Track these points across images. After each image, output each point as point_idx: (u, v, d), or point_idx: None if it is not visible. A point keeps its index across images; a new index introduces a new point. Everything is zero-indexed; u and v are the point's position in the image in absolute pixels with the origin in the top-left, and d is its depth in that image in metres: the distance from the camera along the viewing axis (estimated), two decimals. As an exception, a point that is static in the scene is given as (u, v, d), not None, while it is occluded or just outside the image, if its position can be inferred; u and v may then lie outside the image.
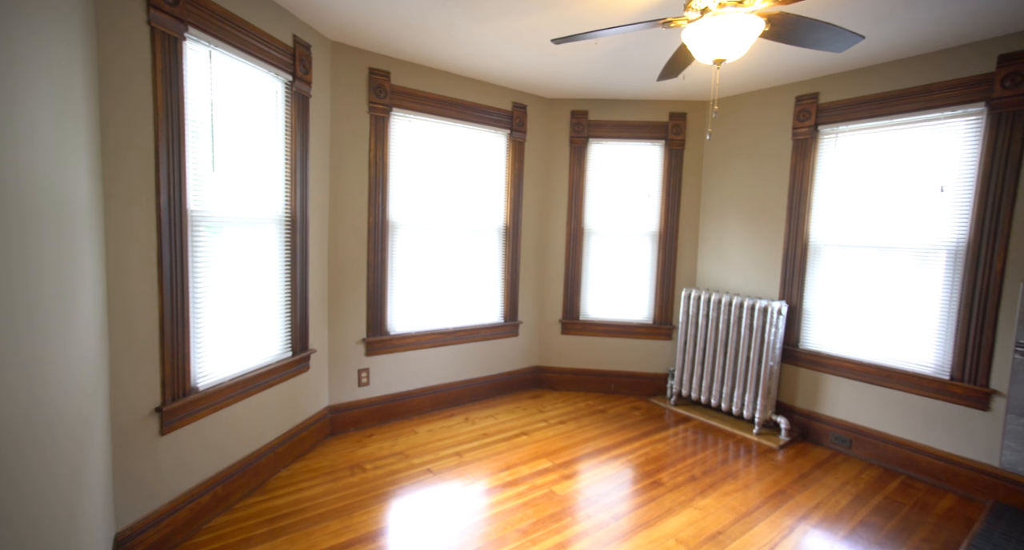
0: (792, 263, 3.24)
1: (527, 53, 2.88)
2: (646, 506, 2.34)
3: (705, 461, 2.83)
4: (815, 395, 3.15)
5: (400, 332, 3.29)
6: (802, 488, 2.56)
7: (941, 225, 2.64)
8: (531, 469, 2.67)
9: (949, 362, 2.61)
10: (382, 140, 3.06)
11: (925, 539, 2.16)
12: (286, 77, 2.46)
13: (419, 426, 3.20)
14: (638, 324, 3.88)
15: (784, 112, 3.28)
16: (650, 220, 3.84)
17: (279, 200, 2.52)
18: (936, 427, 2.66)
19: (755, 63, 2.92)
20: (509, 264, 3.78)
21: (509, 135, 3.69)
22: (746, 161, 3.51)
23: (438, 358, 3.50)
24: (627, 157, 3.83)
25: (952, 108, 2.58)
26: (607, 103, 3.79)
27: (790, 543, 2.09)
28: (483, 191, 3.62)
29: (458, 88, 3.37)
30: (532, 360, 4.05)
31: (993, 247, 2.45)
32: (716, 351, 3.44)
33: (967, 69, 2.52)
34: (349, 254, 3.02)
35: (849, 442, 2.99)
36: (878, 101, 2.83)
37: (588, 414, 3.49)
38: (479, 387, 3.73)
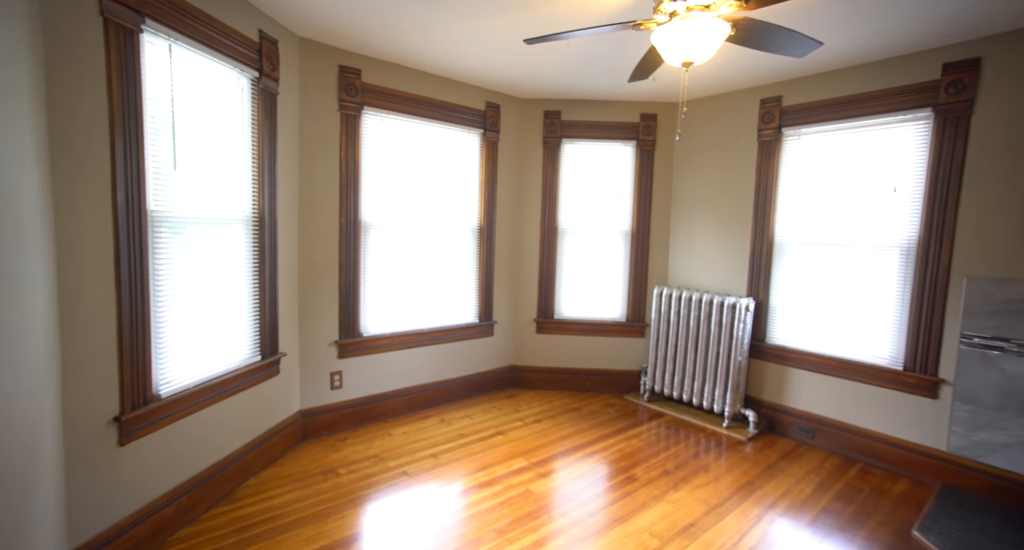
0: (758, 261, 3.34)
1: (500, 53, 2.89)
2: (621, 501, 2.38)
3: (677, 455, 2.89)
4: (781, 388, 3.27)
5: (374, 334, 3.24)
6: (769, 478, 2.65)
7: (895, 224, 2.78)
8: (507, 468, 2.67)
9: (902, 353, 2.75)
10: (353, 139, 3.01)
11: (881, 522, 2.26)
12: (252, 73, 2.39)
13: (394, 428, 3.17)
14: (612, 322, 3.94)
15: (750, 114, 3.38)
16: (622, 219, 3.90)
17: (246, 200, 2.45)
18: (891, 415, 2.79)
19: (722, 66, 3.00)
20: (483, 264, 3.78)
21: (483, 135, 3.68)
22: (714, 161, 3.61)
23: (413, 359, 3.46)
24: (599, 157, 3.88)
25: (903, 113, 2.71)
26: (580, 103, 3.83)
27: (758, 532, 2.16)
28: (457, 191, 3.60)
29: (431, 87, 3.34)
30: (507, 360, 4.06)
31: (940, 244, 2.59)
32: (687, 347, 3.52)
33: (916, 76, 2.65)
34: (320, 255, 2.96)
35: (813, 432, 3.11)
36: (836, 105, 2.95)
37: (563, 412, 3.52)
38: (455, 388, 3.71)
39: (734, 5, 1.78)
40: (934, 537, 2.11)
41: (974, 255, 2.50)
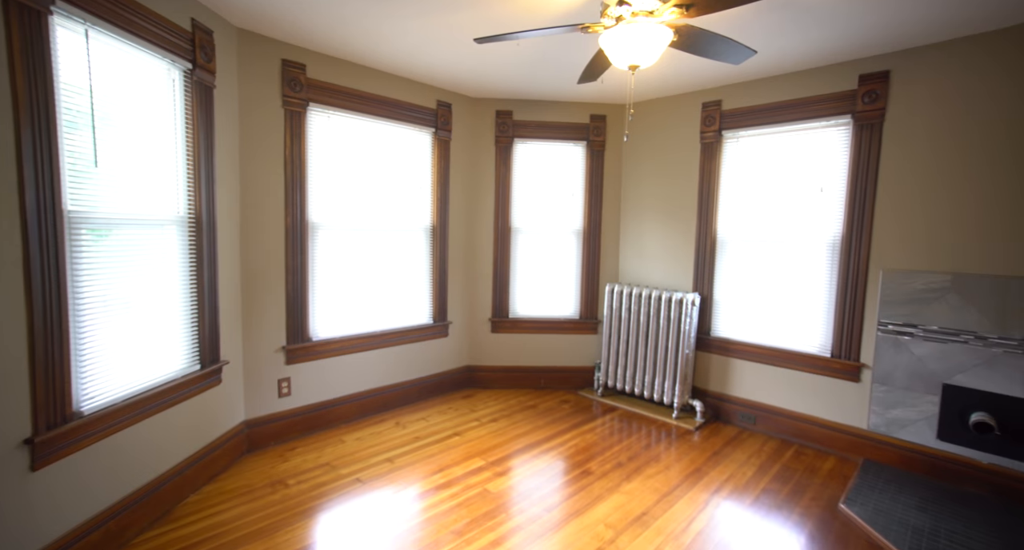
0: (703, 257, 3.51)
1: (451, 51, 2.86)
2: (577, 495, 2.43)
3: (630, 447, 2.99)
4: (725, 378, 3.45)
5: (324, 338, 3.13)
6: (715, 464, 2.79)
7: (823, 221, 2.99)
8: (464, 469, 2.66)
9: (830, 342, 2.97)
10: (299, 136, 2.89)
11: (813, 498, 2.44)
12: (184, 65, 2.24)
13: (347, 434, 3.07)
14: (566, 320, 4.01)
15: (693, 117, 3.54)
16: (575, 218, 3.98)
17: (180, 199, 2.29)
18: (821, 399, 3.01)
19: (667, 71, 3.12)
20: (437, 264, 3.74)
21: (434, 133, 3.64)
22: (661, 162, 3.75)
23: (366, 363, 3.37)
24: (551, 157, 3.94)
25: (827, 119, 2.93)
26: (531, 104, 3.86)
27: (706, 516, 2.27)
28: (409, 190, 3.54)
29: (380, 84, 3.26)
30: (463, 360, 4.04)
31: (860, 240, 2.82)
32: (638, 342, 3.64)
33: (837, 85, 2.87)
34: (265, 257, 2.82)
35: (754, 419, 3.30)
36: (770, 110, 3.14)
37: (520, 410, 3.55)
38: (410, 390, 3.65)
39: (676, 12, 1.85)
40: (857, 508, 2.30)
41: (889, 249, 2.74)
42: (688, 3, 1.78)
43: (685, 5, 1.80)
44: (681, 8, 1.82)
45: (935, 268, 2.60)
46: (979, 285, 2.46)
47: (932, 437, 2.62)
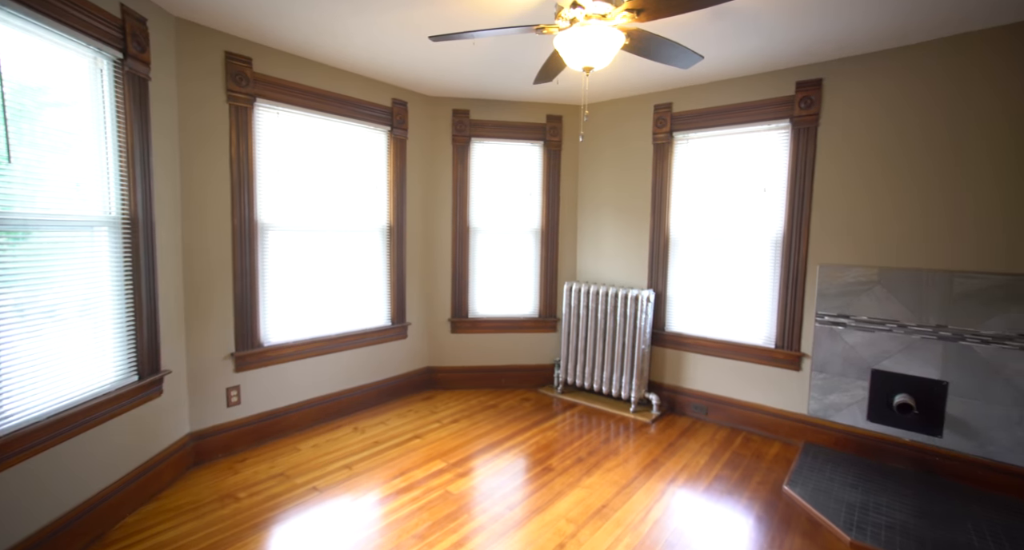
0: (657, 255, 3.62)
1: (406, 49, 2.81)
2: (538, 492, 2.45)
3: (590, 442, 3.05)
4: (679, 371, 3.58)
5: (276, 343, 3.00)
6: (671, 455, 2.89)
7: (766, 220, 3.16)
8: (425, 472, 2.63)
9: (774, 333, 3.15)
10: (245, 133, 2.75)
11: (760, 482, 2.58)
12: (114, 54, 2.08)
13: (302, 442, 2.97)
14: (525, 318, 4.03)
15: (645, 119, 3.64)
16: (533, 218, 4.01)
17: (112, 198, 2.13)
18: (767, 388, 3.19)
19: (620, 73, 3.19)
20: (394, 265, 3.67)
21: (390, 132, 3.56)
22: (615, 162, 3.84)
23: (322, 367, 3.27)
24: (509, 157, 3.95)
25: (769, 122, 3.09)
26: (488, 103, 3.85)
27: (663, 505, 2.35)
28: (365, 190, 3.46)
29: (333, 80, 3.16)
30: (423, 361, 3.99)
31: (800, 237, 3.00)
32: (596, 339, 3.72)
33: (777, 91, 3.04)
34: (211, 260, 2.67)
35: (706, 410, 3.44)
36: (717, 113, 3.28)
37: (481, 410, 3.54)
38: (368, 394, 3.57)
39: (628, 16, 1.90)
40: (799, 489, 2.45)
41: (825, 246, 2.93)
42: (639, 8, 1.83)
43: (636, 10, 1.85)
44: (632, 12, 1.87)
45: (864, 263, 2.80)
46: (900, 278, 2.68)
47: (863, 419, 2.82)
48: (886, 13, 2.26)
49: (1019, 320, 2.38)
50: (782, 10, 2.24)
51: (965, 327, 2.51)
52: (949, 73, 2.53)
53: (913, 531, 2.12)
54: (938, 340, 2.58)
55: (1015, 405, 2.41)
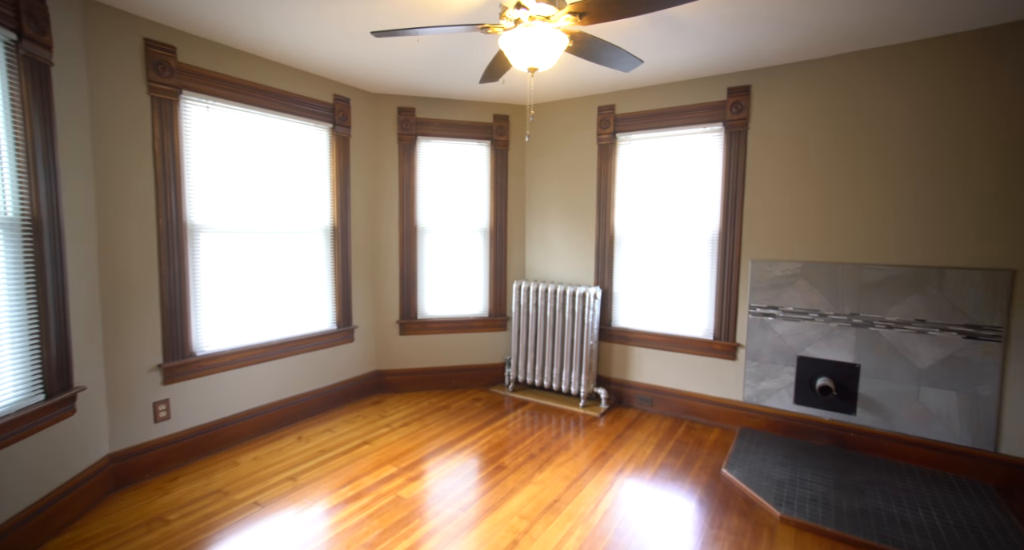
0: (603, 253, 3.73)
1: (348, 44, 2.72)
2: (491, 491, 2.46)
3: (542, 439, 3.09)
4: (626, 365, 3.71)
5: (211, 352, 2.82)
6: (619, 447, 2.99)
7: (704, 218, 3.33)
8: (375, 478, 2.57)
9: (712, 325, 3.33)
10: (171, 127, 2.56)
11: (701, 467, 2.73)
12: (6, 35, 1.87)
13: (242, 455, 2.80)
14: (475, 318, 4.03)
15: (590, 120, 3.74)
16: (481, 217, 4.00)
17: (6, 197, 1.91)
18: (706, 378, 3.37)
19: (565, 74, 3.25)
20: (339, 267, 3.55)
21: (332, 129, 3.44)
22: (562, 162, 3.91)
23: (263, 375, 3.10)
24: (456, 156, 3.92)
25: (705, 125, 3.27)
26: (434, 102, 3.81)
27: (612, 495, 2.43)
28: (306, 190, 3.31)
29: (270, 75, 3.00)
30: (371, 365, 3.89)
31: (733, 234, 3.19)
32: (546, 336, 3.77)
33: (712, 96, 3.21)
34: (133, 264, 2.46)
35: (651, 401, 3.59)
36: (657, 115, 3.42)
37: (432, 412, 3.50)
38: (314, 401, 3.43)
39: (571, 19, 1.94)
40: (735, 471, 2.62)
41: (756, 242, 3.14)
42: (581, 11, 1.88)
43: (579, 13, 1.89)
44: (575, 16, 1.91)
45: (789, 257, 3.03)
46: (820, 271, 2.91)
47: (791, 402, 3.05)
48: (799, 29, 2.45)
49: (916, 306, 2.66)
50: (713, 20, 2.37)
51: (873, 314, 2.77)
52: (858, 83, 2.77)
53: (832, 501, 2.32)
54: (852, 327, 2.84)
55: (912, 382, 2.69)
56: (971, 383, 2.56)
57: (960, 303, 2.56)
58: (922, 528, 2.13)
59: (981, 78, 2.48)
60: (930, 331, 2.64)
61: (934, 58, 2.58)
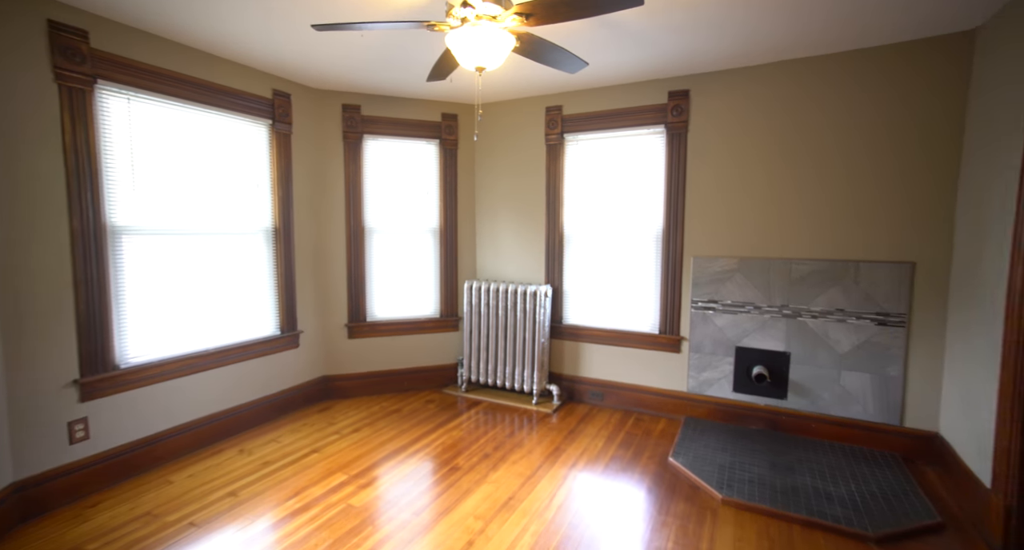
0: (553, 251, 3.79)
1: (287, 37, 2.59)
2: (446, 493, 2.43)
3: (495, 438, 3.10)
4: (577, 361, 3.78)
5: (138, 363, 2.60)
6: (571, 441, 3.05)
7: (649, 216, 3.45)
8: (324, 488, 2.47)
9: (658, 320, 3.47)
10: (84, 119, 2.34)
11: (650, 457, 2.84)
12: None
13: (176, 473, 2.61)
14: (426, 319, 3.97)
15: (538, 120, 3.78)
16: (431, 217, 3.95)
17: None
18: (653, 371, 3.50)
19: (513, 74, 3.27)
20: (282, 269, 3.38)
21: (271, 126, 3.27)
22: (511, 162, 3.93)
23: (199, 386, 2.90)
24: (404, 155, 3.85)
25: (648, 127, 3.39)
26: (380, 99, 3.71)
27: (565, 489, 2.48)
28: (245, 189, 3.13)
29: (202, 66, 2.81)
30: (318, 370, 3.74)
31: (676, 232, 3.34)
32: (498, 335, 3.78)
33: (654, 99, 3.34)
34: (39, 268, 2.23)
35: (602, 396, 3.69)
36: (603, 117, 3.51)
37: (383, 416, 3.42)
38: (257, 411, 3.25)
39: (517, 19, 1.95)
40: (681, 458, 2.74)
41: (697, 239, 3.30)
42: (528, 12, 1.89)
43: (525, 14, 1.91)
44: (522, 16, 1.93)
45: (727, 254, 3.20)
46: (754, 266, 3.11)
47: (730, 390, 3.24)
48: (734, 38, 2.60)
49: (836, 297, 2.90)
50: (655, 26, 2.47)
51: (801, 305, 3.00)
52: (784, 92, 2.98)
53: (768, 481, 2.49)
54: (782, 317, 3.05)
55: (834, 367, 2.94)
56: (882, 365, 2.82)
57: (873, 293, 2.82)
58: (843, 499, 2.33)
59: (889, 88, 2.73)
60: (848, 319, 2.88)
61: (845, 70, 2.81)
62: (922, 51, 2.64)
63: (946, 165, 2.64)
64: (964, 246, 2.51)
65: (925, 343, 2.74)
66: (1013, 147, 2.08)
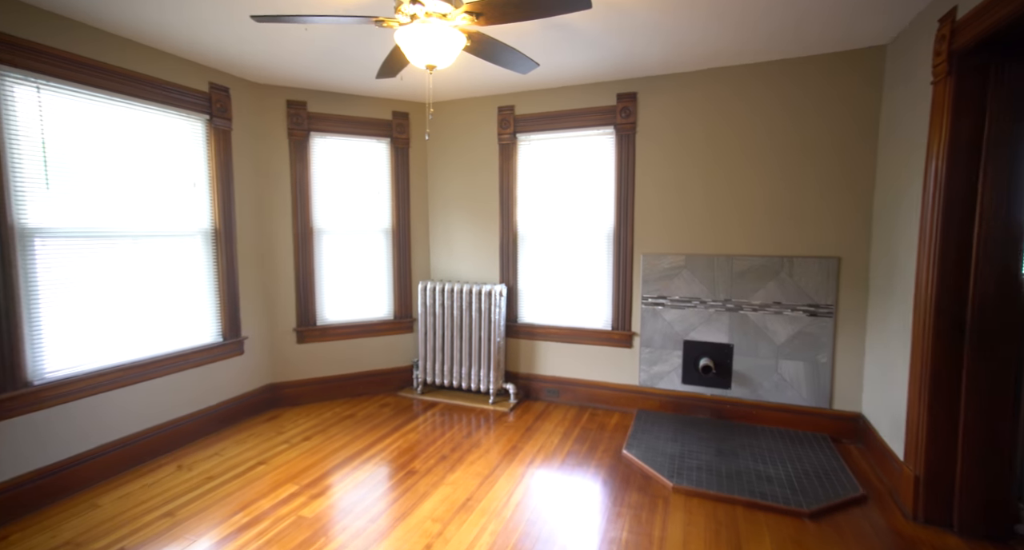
0: (507, 250, 3.80)
1: (226, 27, 2.45)
2: (403, 498, 2.39)
3: (453, 439, 3.08)
4: (533, 360, 3.82)
5: (56, 378, 2.38)
6: (528, 439, 3.08)
7: (601, 215, 3.54)
8: (273, 500, 2.37)
9: (611, 316, 3.56)
10: (-17, 107, 2.11)
11: (605, 450, 2.91)
12: None
13: (104, 495, 2.42)
14: (380, 321, 3.88)
15: (491, 119, 3.78)
16: (383, 217, 3.87)
17: None
18: (606, 366, 3.60)
19: (465, 74, 3.25)
20: (224, 273, 3.20)
21: (209, 121, 3.09)
22: (464, 161, 3.91)
23: (130, 400, 2.69)
24: (354, 153, 3.74)
25: (598, 128, 3.47)
26: (328, 96, 3.59)
27: (523, 487, 2.50)
28: (180, 188, 2.94)
29: (128, 55, 2.61)
30: (265, 378, 3.57)
31: (627, 230, 3.44)
32: (453, 336, 3.76)
33: (604, 101, 3.43)
34: (-69, 276, 1.99)
35: (558, 392, 3.75)
36: (554, 117, 3.57)
37: (336, 422, 3.31)
38: (198, 423, 3.06)
39: (468, 18, 1.95)
40: (634, 450, 2.83)
41: (646, 237, 3.41)
42: (478, 12, 1.89)
43: (475, 13, 1.90)
44: (472, 15, 1.92)
45: (675, 251, 3.34)
46: (700, 262, 3.26)
47: (679, 382, 3.38)
48: (676, 44, 2.71)
49: (773, 291, 3.09)
50: (603, 29, 2.53)
51: (742, 299, 3.17)
52: (726, 95, 3.14)
53: (714, 467, 2.62)
54: (726, 311, 3.21)
55: (772, 357, 3.13)
56: (814, 353, 3.04)
57: (805, 286, 3.03)
58: (780, 480, 2.49)
59: (817, 96, 2.94)
60: (784, 311, 3.08)
61: (778, 78, 3.00)
62: (844, 63, 2.87)
63: (865, 168, 2.88)
64: (880, 243, 2.74)
65: (849, 332, 2.97)
66: (917, 154, 2.30)
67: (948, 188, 2.04)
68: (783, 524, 2.17)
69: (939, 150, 2.07)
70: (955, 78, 1.99)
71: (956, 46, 1.96)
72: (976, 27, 1.82)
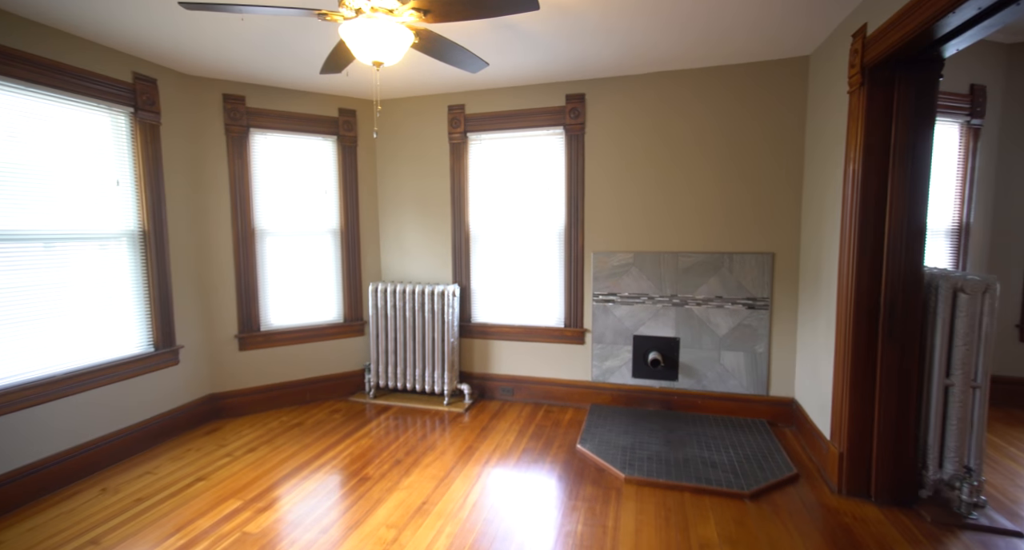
0: (459, 250, 3.78)
1: (150, 14, 2.28)
2: (356, 505, 2.32)
3: (407, 442, 3.02)
4: (487, 359, 3.82)
5: (-49, 397, 2.13)
6: (484, 439, 3.07)
7: (553, 214, 3.59)
8: (214, 518, 2.23)
9: (563, 314, 3.62)
10: None
11: (560, 446, 2.96)
12: None
13: (10, 529, 2.19)
14: (329, 325, 3.75)
15: (441, 118, 3.75)
16: (330, 217, 3.74)
17: None
18: (559, 363, 3.66)
19: (414, 71, 3.20)
20: (155, 278, 2.98)
21: (133, 115, 2.87)
22: (415, 160, 3.85)
23: (43, 420, 2.45)
24: (299, 151, 3.59)
25: (548, 128, 3.52)
26: (269, 90, 3.43)
27: (480, 487, 2.49)
28: (102, 187, 2.70)
29: (33, 39, 2.37)
30: (203, 389, 3.36)
31: (577, 229, 3.51)
32: (406, 338, 3.69)
33: (553, 101, 3.48)
34: None
35: (512, 391, 3.77)
36: (505, 117, 3.58)
37: (283, 432, 3.17)
38: (127, 440, 2.83)
39: (415, 15, 1.92)
40: (588, 445, 2.90)
41: (596, 236, 3.50)
42: (425, 8, 1.87)
43: (423, 10, 1.88)
44: (419, 12, 1.90)
45: (624, 249, 3.44)
46: (647, 260, 3.38)
47: (630, 376, 3.48)
48: (622, 47, 2.80)
49: (715, 286, 3.26)
50: (550, 31, 2.57)
51: (687, 294, 3.32)
52: (670, 99, 3.28)
53: (663, 456, 2.72)
54: (672, 306, 3.35)
55: (715, 348, 3.30)
56: (752, 344, 3.23)
57: (744, 281, 3.21)
58: (724, 465, 2.62)
59: (752, 100, 3.13)
60: (726, 305, 3.25)
61: (713, 83, 3.17)
62: (775, 71, 3.06)
63: (795, 170, 3.09)
64: (809, 239, 2.96)
65: (783, 322, 3.18)
66: (837, 157, 2.50)
67: (863, 189, 2.24)
68: (726, 506, 2.29)
69: (855, 154, 2.25)
70: (867, 88, 2.18)
71: (867, 59, 2.14)
72: (884, 42, 2.00)
